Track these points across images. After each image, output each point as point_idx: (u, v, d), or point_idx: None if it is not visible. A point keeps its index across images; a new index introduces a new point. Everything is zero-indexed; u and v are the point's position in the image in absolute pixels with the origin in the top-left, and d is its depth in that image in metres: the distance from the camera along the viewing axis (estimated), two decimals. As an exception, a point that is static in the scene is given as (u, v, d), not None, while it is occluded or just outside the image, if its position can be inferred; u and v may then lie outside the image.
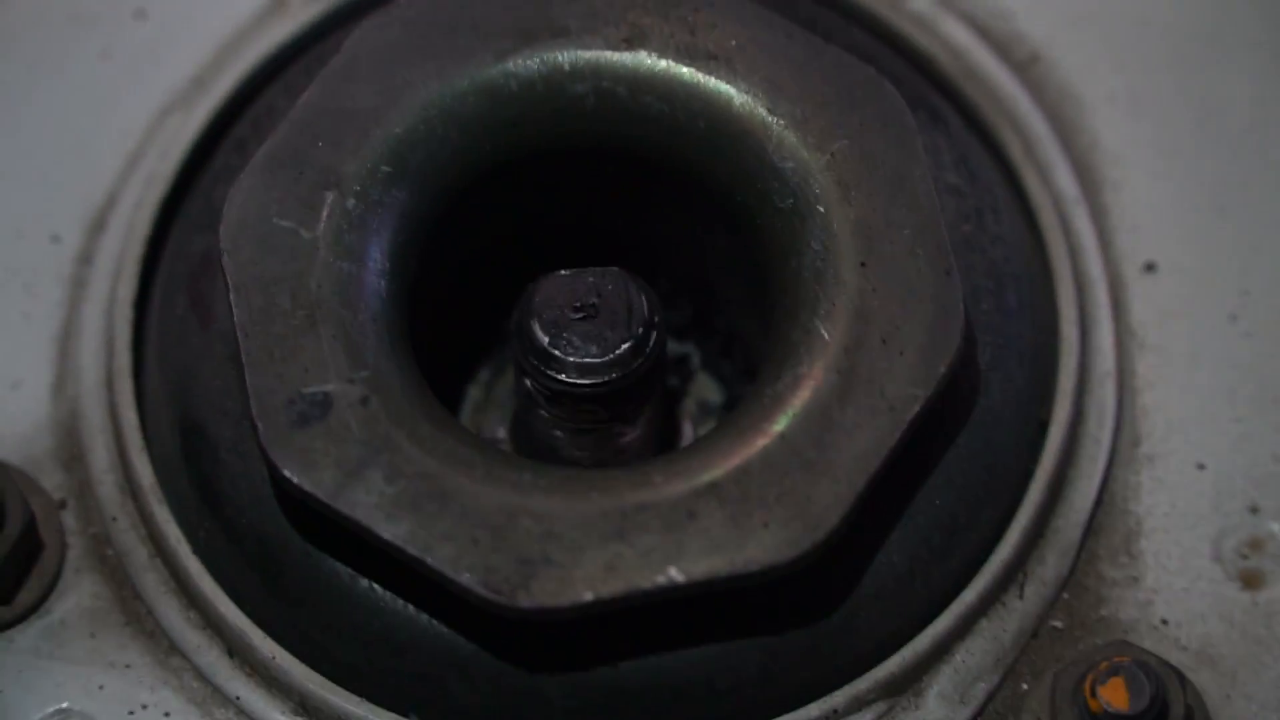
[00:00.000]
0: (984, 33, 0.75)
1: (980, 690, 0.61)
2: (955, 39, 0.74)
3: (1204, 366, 0.68)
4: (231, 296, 0.60)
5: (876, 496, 0.59)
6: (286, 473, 0.57)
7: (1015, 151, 0.70)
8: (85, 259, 0.66)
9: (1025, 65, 0.74)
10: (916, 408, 0.59)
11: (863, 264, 0.61)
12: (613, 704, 0.60)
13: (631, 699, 0.59)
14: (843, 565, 0.60)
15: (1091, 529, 0.64)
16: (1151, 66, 0.77)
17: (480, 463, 0.59)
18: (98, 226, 0.66)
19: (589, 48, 0.64)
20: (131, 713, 0.59)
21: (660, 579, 0.56)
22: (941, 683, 0.61)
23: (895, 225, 0.62)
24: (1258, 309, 0.69)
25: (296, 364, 0.58)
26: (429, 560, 0.56)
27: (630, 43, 0.65)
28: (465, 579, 0.56)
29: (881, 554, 0.61)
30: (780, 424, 0.58)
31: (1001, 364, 0.64)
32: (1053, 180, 0.70)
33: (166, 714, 0.60)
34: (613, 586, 0.56)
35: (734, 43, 0.66)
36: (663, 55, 0.64)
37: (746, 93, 0.63)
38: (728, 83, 0.63)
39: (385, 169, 0.62)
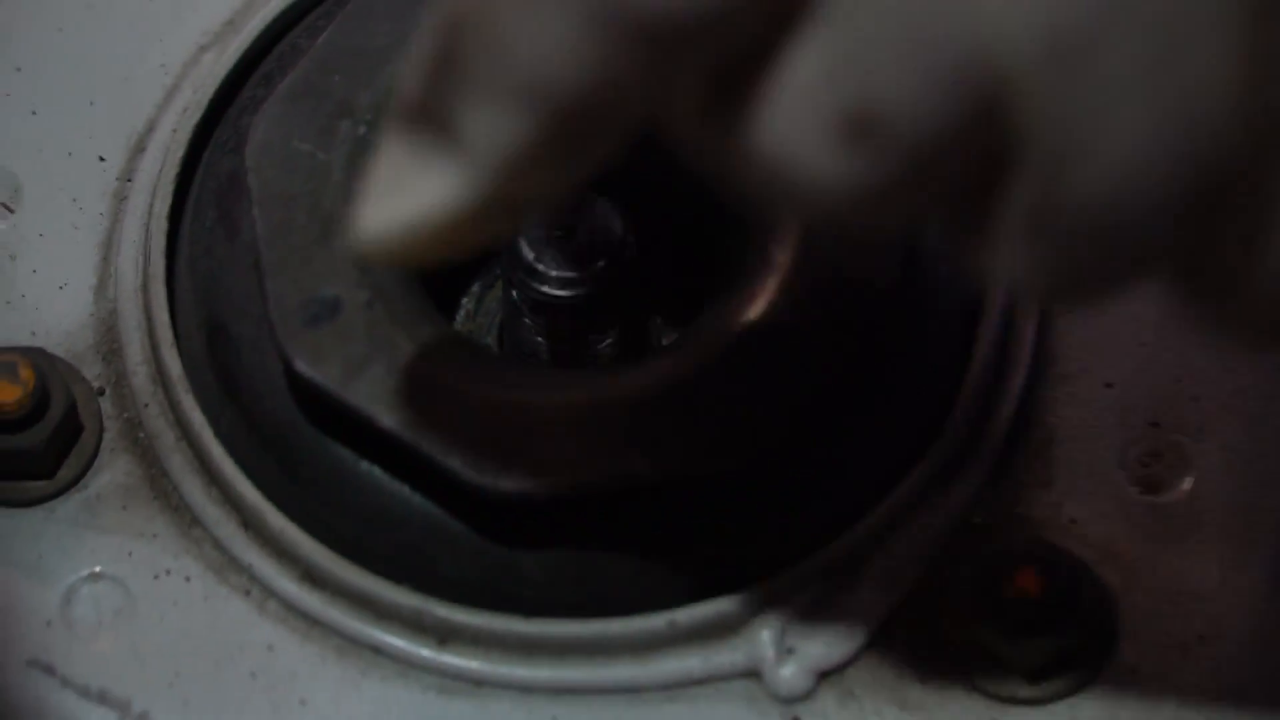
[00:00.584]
0: None
1: (908, 577, 0.63)
2: None
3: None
4: (255, 211, 0.63)
5: (820, 404, 0.63)
6: (299, 366, 0.60)
7: None
8: (127, 177, 0.68)
9: None
10: (857, 325, 0.64)
11: None
12: (581, 578, 0.62)
13: (598, 574, 0.62)
14: (790, 462, 0.62)
15: (1010, 439, 0.66)
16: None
17: (470, 362, 0.62)
18: (139, 149, 0.68)
19: None
20: (156, 576, 0.62)
21: (625, 469, 0.59)
22: (874, 569, 0.63)
23: None
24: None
25: (310, 271, 0.62)
26: (422, 446, 0.60)
27: None
28: (453, 464, 0.59)
29: (824, 454, 0.63)
30: (734, 323, 0.62)
31: (934, 288, 0.66)
32: None
33: (187, 578, 0.62)
34: (583, 474, 0.59)
35: None
36: None
37: None
38: None
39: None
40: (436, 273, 0.67)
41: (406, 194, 0.49)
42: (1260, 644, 0.66)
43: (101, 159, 0.69)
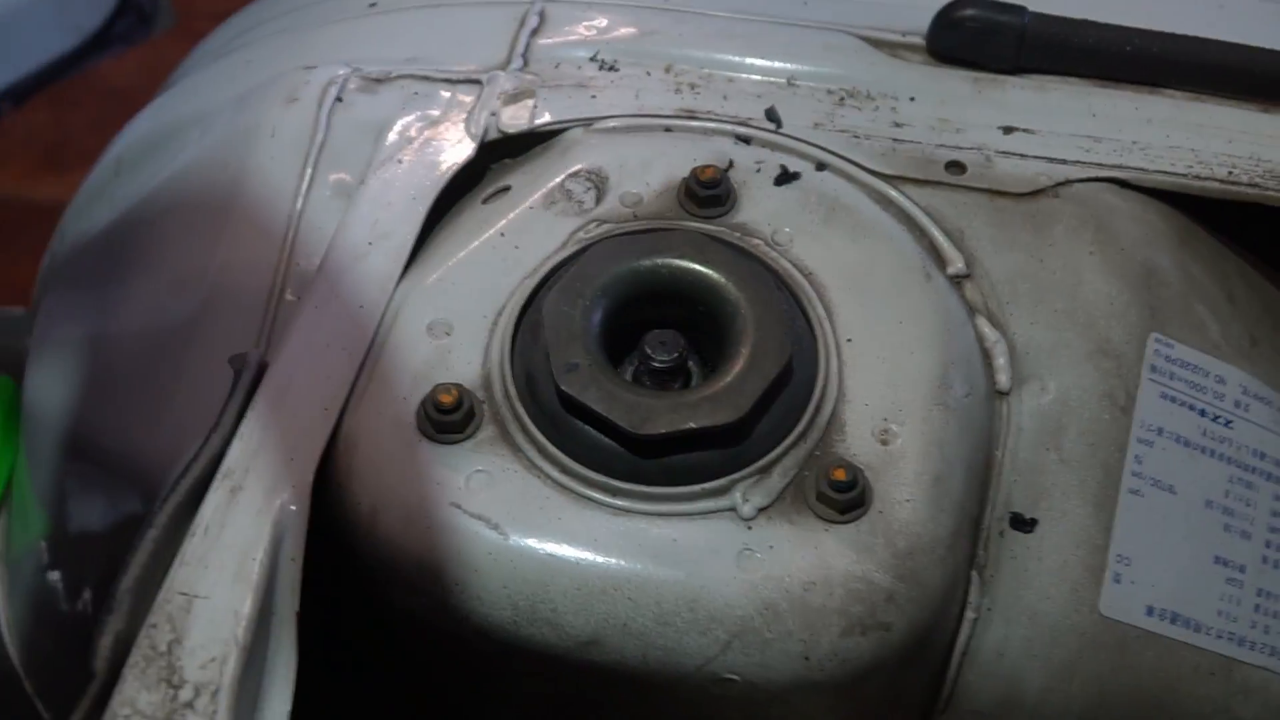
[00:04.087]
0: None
1: (791, 474, 0.78)
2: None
3: (875, 338, 0.81)
4: (546, 330, 0.78)
5: (763, 398, 0.77)
6: (564, 388, 0.76)
7: (803, 298, 0.82)
8: (494, 324, 0.82)
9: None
10: (779, 368, 0.77)
11: (755, 323, 0.78)
12: (669, 470, 0.77)
13: (675, 469, 0.77)
14: (750, 423, 0.77)
15: (831, 419, 0.79)
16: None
17: (629, 387, 0.78)
18: (499, 313, 0.82)
19: (670, 258, 0.81)
20: (503, 470, 0.78)
21: (685, 425, 0.76)
22: (779, 469, 0.78)
23: (769, 308, 0.79)
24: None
25: (567, 353, 0.78)
26: (610, 416, 0.76)
27: (684, 256, 0.81)
28: (621, 422, 0.76)
29: (764, 419, 0.78)
30: (729, 376, 0.78)
31: (802, 346, 0.80)
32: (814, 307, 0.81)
33: (514, 471, 0.78)
34: (670, 427, 0.76)
35: None
36: (688, 260, 0.81)
37: (720, 277, 0.80)
38: (718, 273, 0.80)
39: (599, 292, 0.80)
40: (610, 356, 0.80)
41: None
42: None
43: (485, 316, 0.82)
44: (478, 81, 0.90)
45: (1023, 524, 0.81)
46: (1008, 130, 0.88)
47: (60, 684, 0.72)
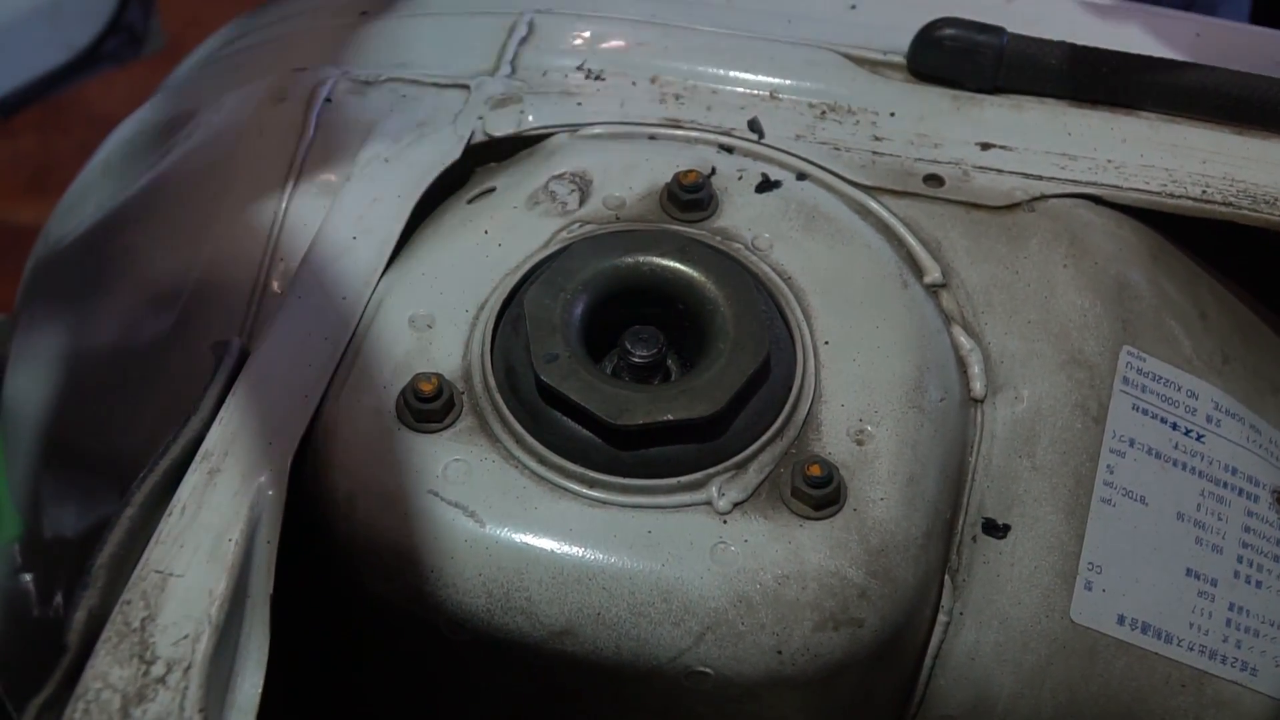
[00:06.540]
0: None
1: (767, 470, 0.77)
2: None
3: (852, 341, 0.80)
4: (528, 323, 0.78)
5: (740, 393, 0.77)
6: (543, 377, 0.77)
7: (782, 301, 0.82)
8: (475, 317, 0.81)
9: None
10: (756, 363, 0.77)
11: (734, 321, 0.79)
12: (645, 462, 0.77)
13: (652, 461, 0.77)
14: (727, 417, 0.77)
15: (808, 418, 0.79)
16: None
17: (608, 379, 0.78)
18: (480, 308, 0.82)
19: (651, 256, 0.81)
20: (481, 460, 0.77)
21: (664, 417, 0.76)
22: (754, 465, 0.78)
23: (748, 306, 0.79)
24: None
25: (548, 345, 0.78)
26: (588, 406, 0.76)
27: (665, 255, 0.81)
28: (599, 413, 0.76)
29: (741, 415, 0.78)
30: (709, 371, 0.78)
31: (780, 346, 0.80)
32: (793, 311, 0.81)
33: (493, 461, 0.77)
34: (647, 418, 0.76)
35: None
36: (669, 259, 0.81)
37: (701, 276, 0.80)
38: (698, 272, 0.80)
39: (580, 287, 0.80)
40: (591, 350, 0.80)
41: None
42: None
43: (466, 310, 0.82)
44: (465, 86, 0.91)
45: (995, 529, 0.81)
46: (985, 146, 0.89)
47: (30, 685, 0.72)
